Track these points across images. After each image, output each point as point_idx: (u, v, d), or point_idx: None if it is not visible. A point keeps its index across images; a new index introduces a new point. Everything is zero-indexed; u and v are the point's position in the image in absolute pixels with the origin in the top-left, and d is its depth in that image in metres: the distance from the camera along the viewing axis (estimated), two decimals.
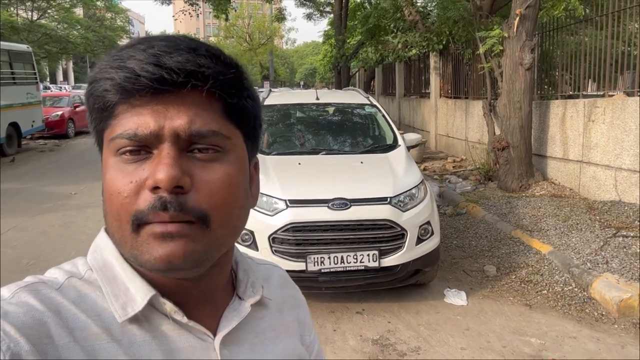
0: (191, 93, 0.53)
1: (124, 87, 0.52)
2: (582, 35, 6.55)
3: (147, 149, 0.53)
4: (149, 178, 0.52)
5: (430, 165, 9.52)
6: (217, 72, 0.54)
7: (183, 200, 0.52)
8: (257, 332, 0.65)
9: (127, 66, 0.52)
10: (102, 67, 0.54)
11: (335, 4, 18.28)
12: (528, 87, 6.56)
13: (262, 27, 42.44)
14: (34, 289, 0.53)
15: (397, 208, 3.63)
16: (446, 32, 9.91)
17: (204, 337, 0.59)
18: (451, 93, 10.87)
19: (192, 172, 0.53)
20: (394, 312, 3.75)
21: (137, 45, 0.54)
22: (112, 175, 0.54)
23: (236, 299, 0.64)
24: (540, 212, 5.56)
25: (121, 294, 0.56)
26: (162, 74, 0.51)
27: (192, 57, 0.53)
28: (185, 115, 0.53)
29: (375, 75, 19.05)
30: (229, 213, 0.56)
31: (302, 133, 4.91)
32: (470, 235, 5.37)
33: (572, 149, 6.43)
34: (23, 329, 0.48)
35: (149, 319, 0.56)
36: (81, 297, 0.55)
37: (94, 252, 0.60)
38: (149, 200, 0.52)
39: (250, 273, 0.68)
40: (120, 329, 0.54)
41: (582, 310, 3.73)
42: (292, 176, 3.94)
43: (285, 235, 3.46)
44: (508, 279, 4.32)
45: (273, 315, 0.69)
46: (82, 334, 0.52)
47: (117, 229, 0.54)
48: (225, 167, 0.56)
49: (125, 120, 0.53)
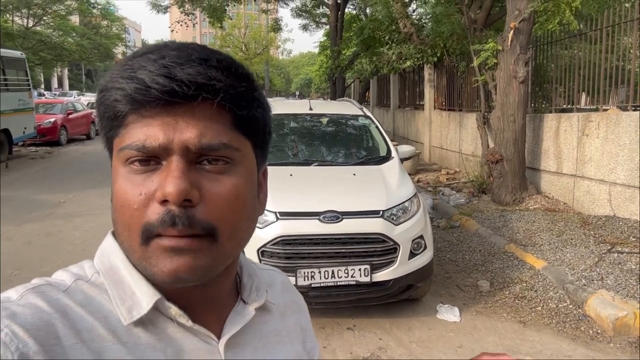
0: (201, 105, 0.53)
1: (134, 98, 0.52)
2: (576, 50, 6.56)
3: (156, 159, 0.53)
4: (158, 190, 0.52)
5: (424, 177, 9.48)
6: (228, 86, 0.54)
7: (191, 213, 0.52)
8: (261, 336, 0.66)
9: (138, 77, 0.52)
10: (112, 76, 0.54)
11: (331, 16, 18.37)
12: (522, 101, 6.55)
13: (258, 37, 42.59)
14: (42, 290, 0.54)
15: (390, 221, 3.56)
16: (440, 44, 9.94)
17: (208, 340, 0.59)
18: (445, 105, 10.87)
19: (201, 185, 0.53)
20: (386, 329, 3.66)
21: (148, 55, 0.54)
22: (122, 185, 0.54)
23: (240, 303, 0.65)
24: (534, 227, 5.51)
25: (127, 297, 0.56)
26: (173, 86, 0.51)
27: (203, 69, 0.53)
28: (194, 129, 0.53)
29: (370, 86, 19.10)
30: (237, 225, 0.57)
31: (294, 144, 4.85)
32: (463, 249, 5.31)
33: (566, 162, 6.40)
34: (31, 330, 0.49)
35: (155, 323, 0.57)
36: (88, 299, 0.55)
37: (101, 256, 0.60)
38: (158, 213, 0.52)
39: (255, 277, 0.68)
40: (126, 331, 0.55)
41: (577, 328, 3.66)
42: (283, 188, 3.86)
43: (274, 248, 3.37)
44: (502, 294, 4.25)
45: (276, 320, 0.70)
46: (89, 335, 0.52)
47: (127, 238, 0.55)
48: (234, 179, 0.56)
49: (135, 131, 0.53)
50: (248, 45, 42.75)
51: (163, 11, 18.67)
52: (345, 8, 18.57)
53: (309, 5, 22.57)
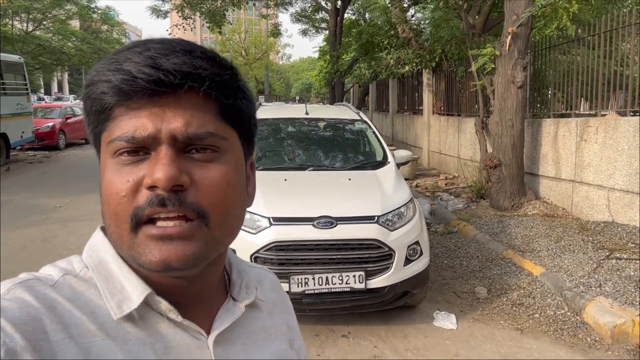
0: (187, 94, 0.54)
1: (121, 89, 0.52)
2: (575, 55, 6.53)
3: (145, 150, 0.54)
4: (147, 177, 0.52)
5: (423, 182, 9.44)
6: (213, 74, 0.55)
7: (182, 196, 0.52)
8: (250, 332, 0.66)
9: (124, 68, 0.52)
10: (99, 69, 0.54)
11: (330, 21, 18.39)
12: (520, 105, 6.51)
13: (258, 42, 42.63)
14: (29, 285, 0.53)
15: (385, 227, 3.52)
16: (439, 49, 9.93)
17: (197, 336, 0.59)
18: (444, 110, 10.85)
19: (191, 171, 0.54)
20: (381, 336, 3.61)
21: (134, 48, 0.54)
22: (110, 176, 0.54)
23: (230, 300, 0.65)
24: (532, 232, 5.46)
25: (117, 291, 0.56)
26: (159, 75, 0.51)
27: (188, 59, 0.53)
28: (181, 118, 0.53)
29: (370, 91, 19.09)
30: (227, 212, 0.57)
31: (290, 148, 4.81)
32: (461, 255, 5.26)
33: (564, 168, 6.37)
34: (19, 325, 0.48)
35: (144, 317, 0.56)
36: (76, 294, 0.55)
37: (90, 250, 0.60)
38: (146, 196, 0.52)
39: (244, 275, 0.68)
40: (115, 326, 0.54)
41: (574, 336, 3.61)
42: (277, 192, 3.82)
43: (268, 254, 3.33)
44: (499, 301, 4.20)
45: (264, 317, 0.70)
46: (77, 330, 0.52)
47: (115, 228, 0.54)
48: (223, 167, 0.56)
49: (123, 123, 0.53)
50: (248, 50, 42.80)
51: (163, 16, 18.68)
52: (345, 13, 18.58)
53: (308, 10, 22.59)
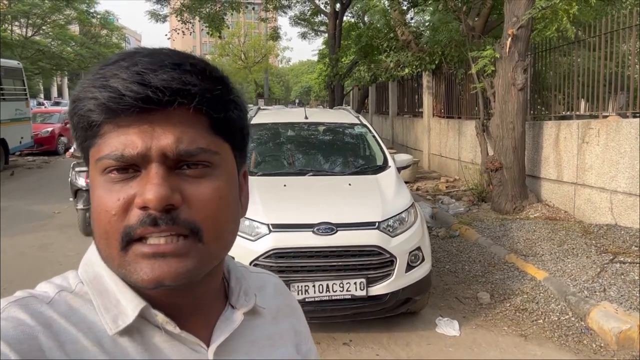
0: (177, 110, 0.52)
1: (109, 107, 0.51)
2: (575, 56, 6.49)
3: (135, 167, 0.52)
4: (138, 196, 0.51)
5: (423, 185, 9.39)
6: (203, 90, 0.53)
7: (175, 214, 0.51)
8: (252, 341, 0.64)
9: (111, 85, 0.50)
10: (84, 85, 0.53)
11: (330, 24, 18.37)
12: (521, 108, 6.47)
13: (257, 46, 42.64)
14: (24, 303, 0.52)
15: (386, 233, 3.47)
16: (438, 52, 9.89)
17: (197, 348, 0.57)
18: (444, 113, 10.81)
19: (182, 189, 0.53)
20: (383, 344, 3.56)
21: (120, 62, 0.53)
22: (100, 194, 0.53)
23: (229, 308, 0.63)
24: (535, 236, 5.41)
25: (112, 306, 0.55)
26: (148, 93, 0.50)
27: (177, 74, 0.52)
28: (171, 135, 0.52)
29: (369, 94, 19.07)
30: (221, 226, 0.56)
31: (289, 153, 4.76)
32: (463, 260, 5.21)
33: (566, 170, 6.32)
34: (14, 344, 0.48)
35: (141, 331, 0.55)
36: (72, 310, 0.54)
37: (85, 265, 0.59)
38: (137, 215, 0.51)
39: (243, 281, 0.67)
40: (112, 342, 0.53)
41: (579, 342, 3.56)
42: (276, 199, 3.77)
43: (267, 261, 3.28)
44: (502, 306, 4.15)
45: (267, 324, 0.68)
46: (73, 347, 0.51)
47: (105, 246, 0.53)
48: (215, 182, 0.55)
49: (112, 140, 0.52)
50: (247, 54, 42.81)
51: (162, 20, 18.68)
52: (344, 16, 18.58)
53: (307, 13, 22.59)
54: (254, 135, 4.92)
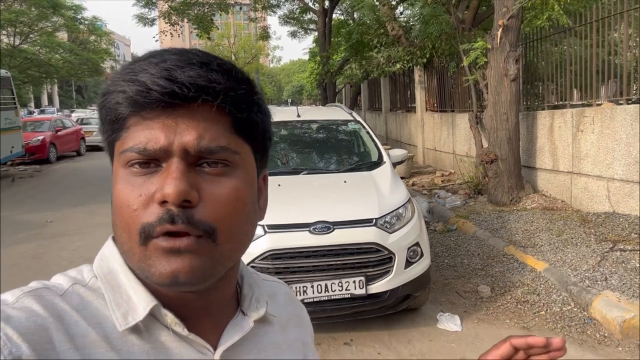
0: (201, 107, 0.53)
1: (136, 101, 0.52)
2: (566, 45, 6.46)
3: (156, 162, 0.53)
4: (157, 192, 0.52)
5: (419, 180, 9.35)
6: (228, 88, 0.54)
7: (190, 213, 0.52)
8: (259, 348, 0.64)
9: (139, 79, 0.52)
10: (114, 79, 0.54)
11: (319, 22, 18.29)
12: (514, 98, 6.44)
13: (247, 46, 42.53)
14: (38, 294, 0.53)
15: (384, 230, 3.41)
16: (429, 45, 9.85)
17: (203, 351, 0.58)
18: (437, 107, 10.77)
19: (200, 186, 0.53)
20: (384, 342, 3.50)
21: (150, 59, 0.54)
22: (122, 188, 0.54)
23: (239, 314, 0.64)
24: (533, 227, 5.38)
25: (123, 302, 0.55)
26: (174, 88, 0.51)
27: (203, 72, 0.53)
28: (194, 131, 0.53)
29: (361, 91, 19.02)
30: (236, 228, 0.56)
31: (282, 152, 4.70)
32: (462, 253, 5.16)
33: (561, 159, 6.29)
34: (25, 334, 0.48)
35: (150, 330, 0.56)
36: (84, 304, 0.55)
37: (100, 260, 0.60)
38: (156, 213, 0.52)
39: (255, 288, 0.67)
40: (120, 338, 0.54)
41: (583, 332, 3.52)
42: (271, 199, 3.64)
43: (264, 263, 3.21)
44: (503, 299, 4.10)
45: (276, 333, 0.68)
46: (82, 341, 0.52)
47: (127, 240, 0.54)
48: (234, 182, 0.56)
49: (136, 134, 0.53)
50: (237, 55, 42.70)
51: (150, 24, 18.55)
52: (333, 14, 18.50)
53: (296, 12, 22.49)
54: None
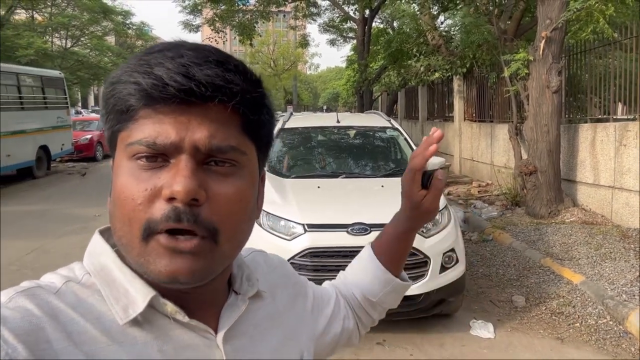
0: (215, 107, 0.53)
1: (150, 94, 0.51)
2: (611, 58, 6.37)
3: (164, 157, 0.53)
4: (165, 188, 0.51)
5: (455, 190, 9.32)
6: (244, 90, 0.54)
7: (197, 212, 0.52)
8: (255, 324, 0.66)
9: (155, 73, 0.51)
10: (126, 69, 0.53)
11: (358, 30, 18.44)
12: (555, 110, 6.39)
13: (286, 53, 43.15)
14: (32, 293, 0.52)
15: (420, 234, 3.50)
16: (470, 55, 9.83)
17: (206, 335, 0.59)
18: (475, 116, 10.71)
19: (208, 185, 0.53)
20: (417, 344, 3.58)
21: (165, 52, 0.53)
22: (126, 180, 0.53)
23: (233, 295, 0.65)
24: (571, 240, 5.33)
25: (121, 296, 0.55)
26: (191, 86, 0.51)
27: (221, 71, 0.52)
28: (206, 129, 0.53)
29: (398, 99, 19.02)
30: (237, 227, 0.57)
31: (322, 156, 4.84)
32: (497, 263, 5.16)
33: (603, 174, 6.19)
34: (21, 335, 0.48)
35: (151, 321, 0.56)
36: (79, 301, 0.54)
37: (90, 257, 0.59)
38: (163, 210, 0.51)
39: (244, 267, 0.68)
40: (122, 331, 0.54)
41: (618, 346, 3.50)
42: (311, 200, 3.85)
43: (303, 260, 3.36)
44: (538, 310, 4.10)
45: (268, 305, 0.70)
46: (80, 337, 0.51)
47: (126, 233, 0.53)
48: (239, 182, 0.56)
49: (146, 127, 0.53)
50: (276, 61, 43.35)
51: (195, 30, 19.14)
52: (373, 22, 18.63)
53: (336, 20, 22.74)
54: (288, 139, 5.02)
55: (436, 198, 0.79)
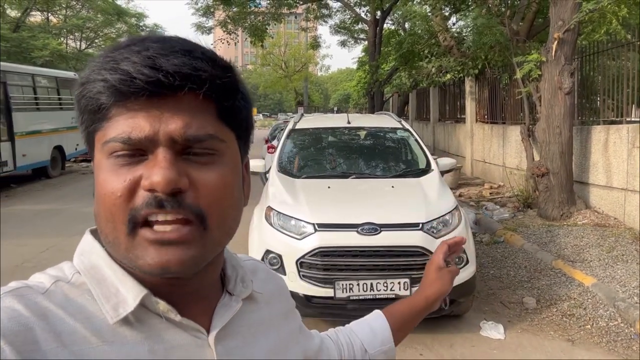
0: (187, 96, 0.52)
1: (119, 90, 0.51)
2: (624, 60, 6.32)
3: (141, 152, 0.52)
4: (144, 179, 0.51)
5: (466, 192, 9.30)
6: (213, 76, 0.53)
7: (180, 198, 0.52)
8: (249, 325, 0.65)
9: (122, 68, 0.50)
10: (94, 68, 0.53)
11: (370, 31, 18.47)
12: (568, 112, 6.35)
13: (298, 55, 43.26)
14: (20, 293, 0.51)
15: (430, 234, 3.51)
16: (482, 57, 9.80)
17: (198, 335, 0.58)
18: (487, 118, 10.67)
19: (189, 173, 0.53)
20: (427, 344, 3.59)
21: (131, 46, 0.53)
22: (105, 177, 0.53)
23: (226, 295, 0.64)
24: (583, 242, 5.30)
25: (112, 295, 0.55)
26: (159, 77, 0.50)
27: (188, 59, 0.52)
28: (180, 120, 0.52)
29: (409, 100, 19.00)
30: (225, 213, 0.56)
31: (332, 156, 4.88)
32: (508, 265, 5.15)
33: (615, 176, 6.14)
34: (8, 336, 0.47)
35: (142, 319, 0.55)
36: (68, 300, 0.53)
37: (80, 255, 0.59)
38: (143, 198, 0.51)
39: (239, 269, 0.67)
40: (112, 331, 0.53)
41: (629, 347, 3.47)
42: (321, 200, 3.88)
43: (313, 259, 3.38)
44: (548, 312, 4.09)
45: (262, 309, 0.69)
46: (70, 338, 0.50)
47: (112, 230, 0.53)
48: (221, 169, 0.56)
49: (119, 124, 0.52)
50: (288, 63, 43.48)
51: (207, 32, 19.31)
52: (384, 24, 18.64)
53: (347, 22, 22.79)
54: (299, 139, 5.06)
55: (450, 281, 1.02)
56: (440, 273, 1.00)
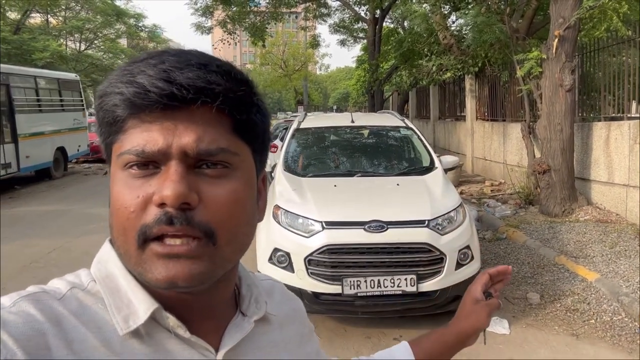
0: (201, 109, 0.53)
1: (134, 103, 0.52)
2: (625, 56, 6.37)
3: (155, 164, 0.53)
4: (156, 194, 0.51)
5: (467, 189, 9.34)
6: (227, 89, 0.54)
7: (190, 215, 0.52)
8: (259, 347, 0.64)
9: (137, 81, 0.52)
10: (112, 81, 0.54)
11: (369, 30, 18.50)
12: (569, 109, 6.40)
13: (297, 54, 43.26)
14: (36, 298, 0.52)
15: (436, 231, 3.56)
16: (482, 54, 9.84)
17: (206, 353, 0.57)
18: (488, 115, 10.72)
19: (200, 189, 0.53)
20: None
21: (148, 60, 0.54)
22: (120, 189, 0.54)
23: (239, 315, 0.63)
24: (586, 238, 5.35)
25: (124, 306, 0.55)
26: (172, 90, 0.51)
27: (202, 73, 0.53)
28: (193, 133, 0.53)
29: (409, 98, 19.03)
30: (236, 230, 0.56)
31: (337, 155, 4.93)
32: (511, 261, 5.20)
33: (617, 172, 6.19)
34: (21, 340, 0.47)
35: (151, 333, 0.55)
36: (83, 308, 0.54)
37: (98, 264, 0.59)
38: (155, 214, 0.51)
39: (254, 288, 0.67)
40: (121, 342, 0.53)
41: (633, 342, 3.52)
42: (328, 198, 3.93)
43: (321, 257, 3.43)
44: (553, 307, 4.14)
45: (275, 331, 0.68)
46: (80, 346, 0.51)
47: (123, 243, 0.54)
48: (233, 184, 0.55)
49: (134, 136, 0.53)
50: (287, 62, 43.48)
51: (207, 32, 19.32)
52: (383, 22, 18.68)
53: (347, 21, 22.81)
54: (303, 139, 5.11)
55: (487, 316, 0.93)
56: (476, 306, 0.91)
